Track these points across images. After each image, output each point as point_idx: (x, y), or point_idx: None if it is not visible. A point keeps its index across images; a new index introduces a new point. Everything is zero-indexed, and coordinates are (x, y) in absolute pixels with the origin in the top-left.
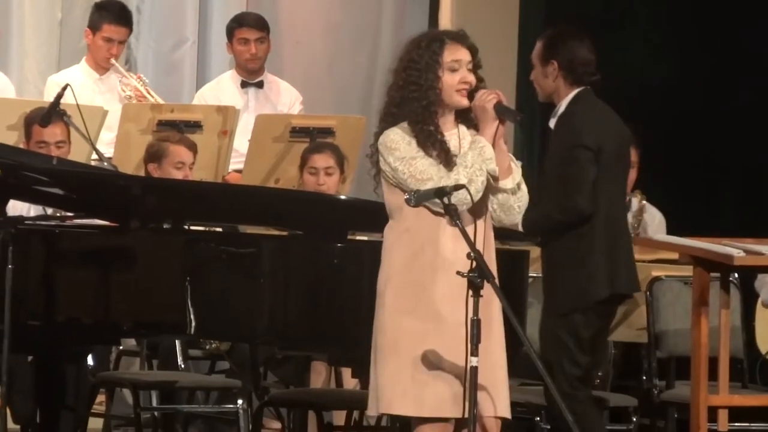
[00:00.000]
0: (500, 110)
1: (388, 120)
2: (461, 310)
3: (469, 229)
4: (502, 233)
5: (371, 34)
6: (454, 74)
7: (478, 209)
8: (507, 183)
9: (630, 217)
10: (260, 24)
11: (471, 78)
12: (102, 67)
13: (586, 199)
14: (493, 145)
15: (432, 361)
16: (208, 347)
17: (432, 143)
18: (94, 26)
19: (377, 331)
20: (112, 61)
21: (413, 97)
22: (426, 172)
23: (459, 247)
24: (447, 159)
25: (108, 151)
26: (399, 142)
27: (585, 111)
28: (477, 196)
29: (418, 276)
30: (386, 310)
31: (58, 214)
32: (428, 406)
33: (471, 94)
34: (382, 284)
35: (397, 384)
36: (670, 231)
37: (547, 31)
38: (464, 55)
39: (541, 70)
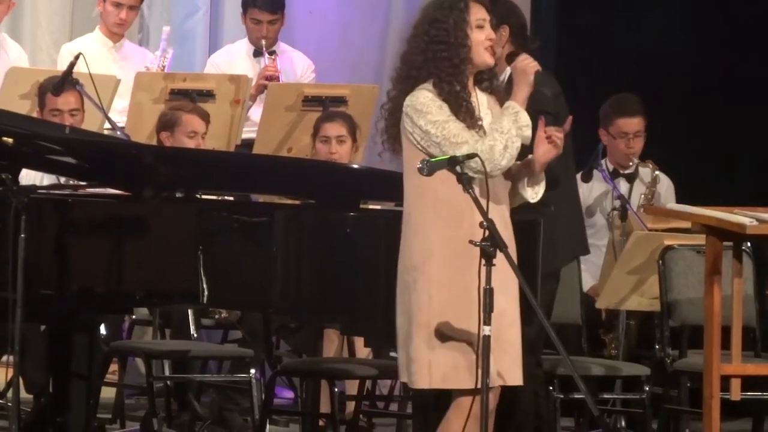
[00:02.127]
0: (540, 79)
1: (408, 83)
2: (497, 280)
3: (484, 197)
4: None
5: (384, 4)
6: (481, 32)
7: (497, 178)
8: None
9: (642, 187)
10: (273, 6)
11: (494, 35)
12: (115, 34)
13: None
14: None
15: (470, 334)
16: (217, 317)
17: (459, 105)
18: None
19: (422, 304)
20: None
21: (442, 57)
22: (460, 136)
23: (494, 217)
24: (472, 123)
25: (121, 119)
26: (430, 105)
27: (538, 77)
28: (510, 162)
29: (462, 247)
30: (432, 283)
31: (70, 183)
32: (465, 378)
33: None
34: (421, 256)
35: (450, 358)
36: (683, 200)
37: None
38: (485, 13)
39: (499, 35)
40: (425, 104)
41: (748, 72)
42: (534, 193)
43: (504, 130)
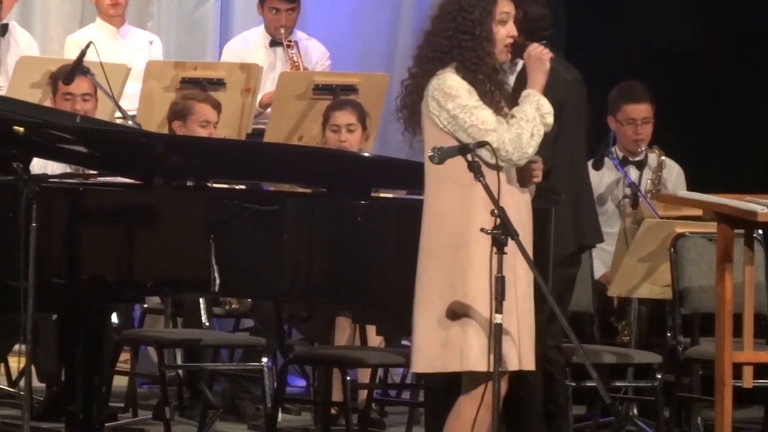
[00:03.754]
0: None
1: (432, 64)
2: (511, 266)
3: (495, 183)
4: None
5: None
6: (504, 27)
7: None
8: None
9: (649, 173)
10: None
11: (516, 32)
12: (114, 17)
13: (545, 156)
14: None
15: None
16: (227, 307)
17: (485, 94)
18: None
19: (446, 285)
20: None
21: (467, 47)
22: (489, 123)
23: (517, 203)
24: (498, 110)
25: (132, 105)
26: (459, 89)
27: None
28: (535, 150)
29: (482, 235)
30: (464, 266)
31: (81, 172)
32: (509, 362)
33: (514, 48)
34: (447, 238)
35: (480, 340)
36: (694, 188)
37: None
38: (512, 8)
39: None
40: (454, 87)
41: (756, 59)
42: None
43: (529, 118)
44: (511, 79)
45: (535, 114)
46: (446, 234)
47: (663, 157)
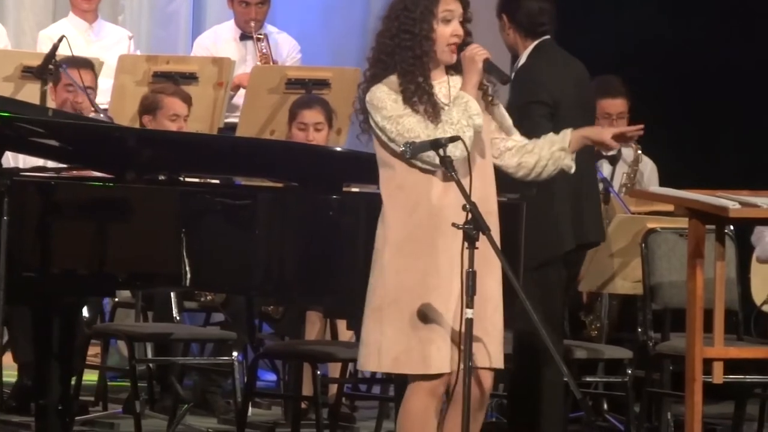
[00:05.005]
0: (489, 67)
1: (378, 66)
2: (458, 264)
3: (465, 181)
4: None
5: None
6: (447, 26)
7: (472, 161)
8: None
9: (625, 167)
10: None
11: (461, 31)
12: (87, 12)
13: None
14: None
15: (433, 317)
16: (202, 299)
17: (419, 97)
18: None
19: (376, 288)
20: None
21: (406, 46)
22: (413, 130)
23: (453, 200)
24: (435, 112)
25: (106, 98)
26: (385, 99)
27: (542, 65)
28: (464, 153)
29: (415, 232)
30: (385, 269)
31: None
32: (434, 364)
33: (460, 48)
34: (380, 243)
35: (401, 342)
36: (667, 183)
37: None
38: (457, 6)
39: (499, 25)
40: (381, 99)
41: (732, 54)
42: (573, 162)
43: (454, 121)
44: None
45: (461, 117)
46: (377, 234)
47: (639, 152)
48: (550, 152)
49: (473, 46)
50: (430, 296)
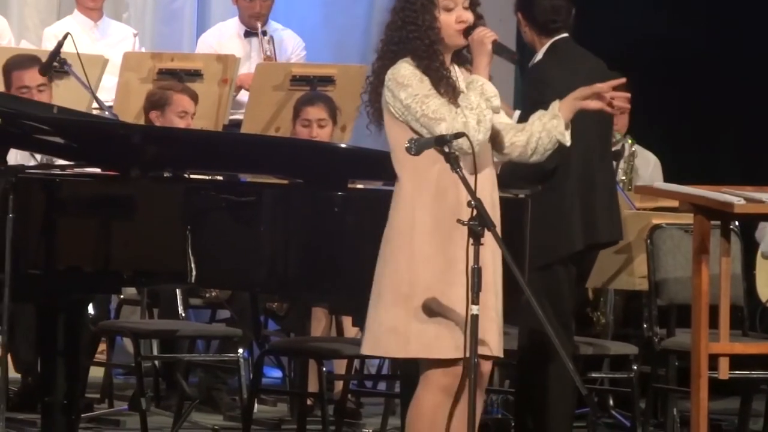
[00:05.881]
0: (498, 48)
1: (387, 57)
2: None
3: (471, 177)
4: (502, 181)
5: None
6: (450, 13)
7: (482, 154)
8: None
9: (621, 162)
10: None
11: (467, 16)
12: (93, 10)
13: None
14: None
15: (460, 305)
16: (207, 295)
17: (440, 81)
18: None
19: (402, 274)
20: None
21: (414, 37)
22: (439, 112)
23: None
24: (454, 96)
25: (111, 95)
26: (411, 78)
27: (552, 64)
28: (486, 136)
29: (444, 218)
30: (415, 254)
31: (58, 163)
32: (447, 348)
33: (468, 31)
34: (405, 225)
35: (432, 328)
36: (671, 179)
37: None
38: None
39: (518, 21)
40: (406, 77)
41: (732, 50)
42: (569, 135)
43: (473, 105)
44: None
45: (479, 100)
46: (400, 219)
47: (635, 147)
48: (541, 124)
49: (480, 29)
50: (456, 284)
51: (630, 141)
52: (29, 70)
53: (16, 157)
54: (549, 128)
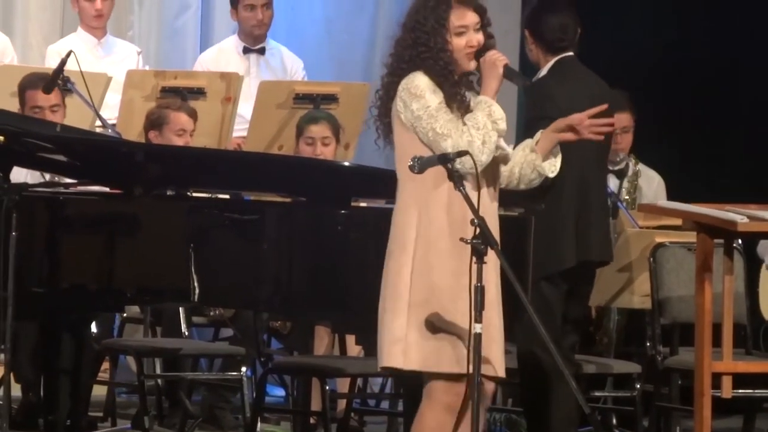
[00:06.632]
0: (509, 73)
1: (397, 73)
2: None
3: (474, 194)
4: (505, 200)
5: (371, 0)
6: (461, 37)
7: (487, 172)
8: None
9: (625, 181)
10: None
11: (477, 39)
12: (96, 28)
13: None
14: None
15: (463, 320)
16: (211, 314)
17: (453, 98)
18: None
19: (403, 284)
20: None
21: (426, 57)
22: (446, 127)
23: (482, 204)
24: (465, 113)
25: (113, 114)
26: (425, 89)
27: (555, 80)
28: (489, 158)
29: (449, 231)
30: (417, 265)
31: (62, 181)
32: (449, 362)
33: (479, 54)
34: (408, 234)
35: (431, 341)
36: (673, 197)
37: None
38: (471, 18)
39: (524, 39)
40: (420, 87)
41: (736, 67)
42: (552, 166)
43: (480, 125)
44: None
45: (486, 121)
46: (403, 233)
47: (638, 166)
48: (523, 155)
49: (493, 52)
50: (460, 298)
51: (634, 160)
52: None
53: (27, 176)
54: (529, 160)
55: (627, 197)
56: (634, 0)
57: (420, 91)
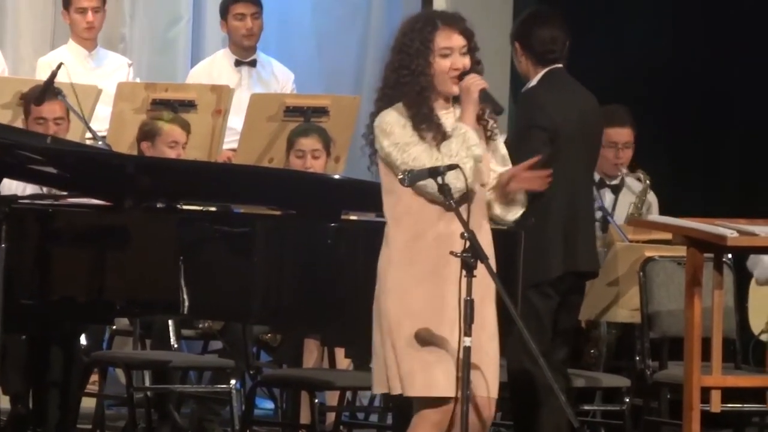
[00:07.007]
0: (484, 97)
1: (384, 100)
2: (477, 292)
3: (463, 209)
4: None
5: (362, 13)
6: (446, 59)
7: (471, 191)
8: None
9: (631, 197)
10: None
11: (462, 63)
12: (87, 40)
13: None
14: None
15: (439, 343)
16: (201, 326)
17: (428, 125)
18: (65, 3)
19: (381, 311)
20: None
21: (405, 82)
22: (419, 159)
23: (458, 228)
24: (442, 141)
25: (105, 125)
26: (394, 125)
27: (545, 91)
28: (464, 185)
29: (420, 258)
30: (390, 292)
31: (52, 193)
32: (440, 387)
33: (462, 77)
34: (383, 266)
35: (405, 365)
36: (665, 211)
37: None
38: (457, 40)
39: (513, 51)
40: (390, 124)
41: (730, 83)
42: (514, 215)
43: (453, 153)
44: None
45: (460, 148)
46: (390, 249)
47: (648, 182)
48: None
49: (471, 77)
50: (435, 322)
51: (643, 176)
52: (47, 102)
53: (24, 189)
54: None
55: (634, 213)
56: (630, 14)
57: (390, 128)
